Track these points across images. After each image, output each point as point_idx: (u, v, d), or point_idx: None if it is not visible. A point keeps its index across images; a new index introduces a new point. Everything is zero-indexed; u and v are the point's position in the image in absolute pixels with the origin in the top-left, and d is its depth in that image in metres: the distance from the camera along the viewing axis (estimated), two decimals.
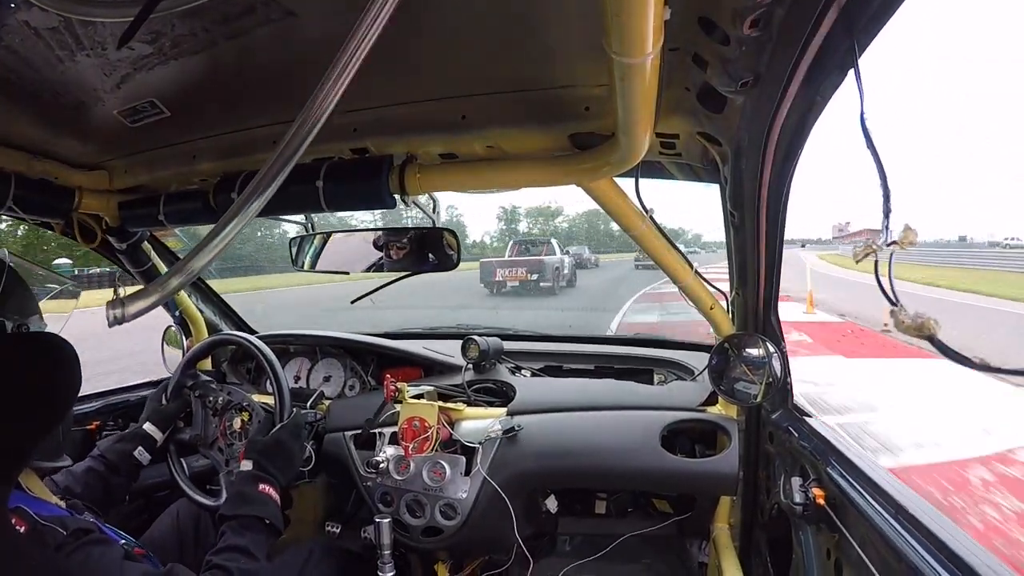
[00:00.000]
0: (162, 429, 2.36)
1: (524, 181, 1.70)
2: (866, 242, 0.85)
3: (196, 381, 2.63)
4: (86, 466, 2.04)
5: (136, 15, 0.94)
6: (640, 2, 0.81)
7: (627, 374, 2.81)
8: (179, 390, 2.58)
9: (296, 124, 0.88)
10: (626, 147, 1.39)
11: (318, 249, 2.35)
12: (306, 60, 1.37)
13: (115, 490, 2.05)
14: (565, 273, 25.64)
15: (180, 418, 2.54)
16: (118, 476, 2.08)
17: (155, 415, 2.39)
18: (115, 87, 1.51)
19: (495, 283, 23.56)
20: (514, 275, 23.35)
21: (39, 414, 1.43)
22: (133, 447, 2.18)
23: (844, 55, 0.93)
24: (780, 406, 2.05)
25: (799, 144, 1.28)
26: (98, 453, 2.11)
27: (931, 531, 1.16)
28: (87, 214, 2.26)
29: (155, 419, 2.36)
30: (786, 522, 1.84)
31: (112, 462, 2.09)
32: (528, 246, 27.57)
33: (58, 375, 1.46)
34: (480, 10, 1.20)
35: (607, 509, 2.69)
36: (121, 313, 1.02)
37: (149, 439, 2.28)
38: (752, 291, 1.96)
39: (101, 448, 2.13)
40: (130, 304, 1.02)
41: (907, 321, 0.77)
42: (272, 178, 0.92)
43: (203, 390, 2.59)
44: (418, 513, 2.30)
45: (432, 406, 2.31)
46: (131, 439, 2.22)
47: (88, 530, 1.38)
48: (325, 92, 0.84)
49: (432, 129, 1.68)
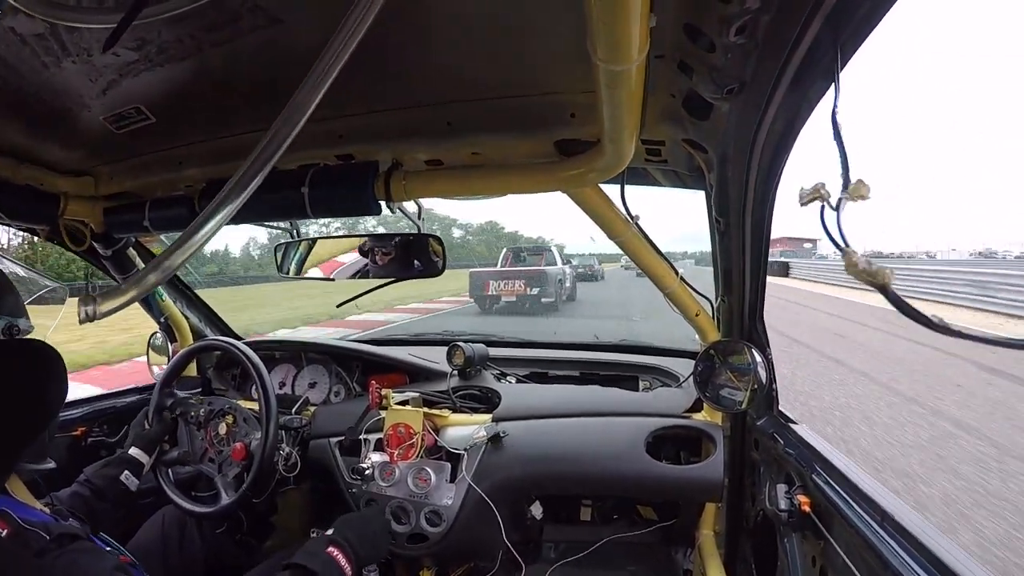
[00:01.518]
0: (148, 453, 2.33)
1: (509, 188, 1.70)
2: (814, 185, 0.84)
3: (175, 400, 2.62)
4: (71, 491, 2.01)
5: (119, 21, 0.94)
6: (626, 9, 0.81)
7: (612, 381, 2.82)
8: (159, 412, 2.56)
9: (274, 128, 0.87)
10: (612, 154, 1.39)
11: (303, 255, 2.35)
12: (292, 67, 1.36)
13: (101, 516, 2.00)
14: (567, 286, 22.11)
15: (165, 440, 2.51)
16: (104, 502, 2.04)
17: (139, 440, 2.36)
18: (101, 93, 1.50)
19: (487, 298, 20.25)
20: (510, 288, 19.77)
21: (27, 420, 1.42)
22: (119, 471, 2.14)
23: (830, 62, 0.93)
24: (765, 413, 2.05)
25: (785, 151, 1.28)
26: (84, 478, 2.07)
27: (917, 538, 1.16)
28: (73, 220, 2.25)
29: (140, 444, 2.33)
30: (771, 529, 1.84)
31: (98, 487, 2.05)
32: (524, 254, 23.59)
33: (46, 382, 1.45)
34: (465, 16, 1.20)
35: (592, 516, 2.70)
36: (93, 310, 0.99)
37: (136, 464, 2.24)
38: (737, 298, 1.97)
39: (87, 473, 2.10)
40: (103, 301, 1.00)
41: (860, 264, 0.73)
42: (249, 180, 0.92)
43: (183, 408, 2.58)
44: (403, 520, 2.29)
45: (417, 412, 2.31)
46: (117, 464, 2.19)
47: (74, 536, 1.37)
48: (304, 96, 0.84)
49: (417, 136, 1.68)
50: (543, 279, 19.61)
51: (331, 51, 0.80)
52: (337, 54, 0.80)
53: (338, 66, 0.81)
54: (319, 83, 0.83)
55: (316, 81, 0.83)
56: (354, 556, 1.85)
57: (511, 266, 21.99)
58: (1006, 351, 0.73)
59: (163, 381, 2.61)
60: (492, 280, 20.21)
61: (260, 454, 2.30)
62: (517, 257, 23.22)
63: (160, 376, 2.64)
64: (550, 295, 19.51)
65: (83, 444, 2.73)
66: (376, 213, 1.75)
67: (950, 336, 0.69)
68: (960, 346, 10.70)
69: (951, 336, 0.69)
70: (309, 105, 0.85)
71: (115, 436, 2.83)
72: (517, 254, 23.59)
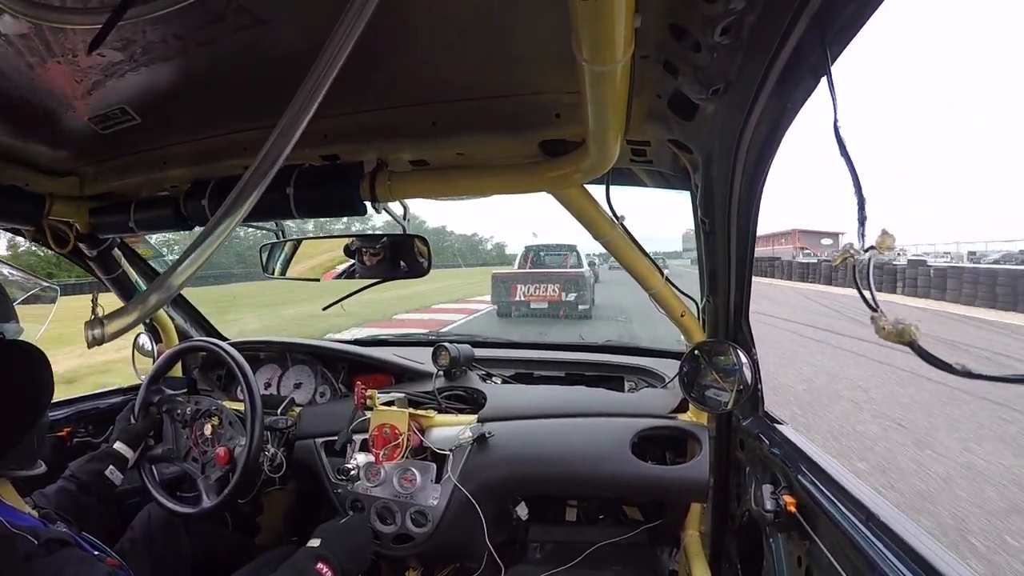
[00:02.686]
0: (133, 448, 2.34)
1: (494, 188, 1.70)
2: (843, 248, 0.85)
3: (162, 396, 2.62)
4: (57, 486, 2.01)
5: (105, 22, 0.93)
6: (611, 9, 0.81)
7: (598, 381, 2.83)
8: (146, 408, 2.55)
9: (276, 132, 0.87)
10: (596, 154, 1.39)
11: (288, 256, 2.34)
12: (276, 67, 1.36)
13: (87, 511, 2.00)
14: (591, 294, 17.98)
15: (150, 436, 2.51)
16: (89, 496, 2.04)
17: (124, 435, 2.36)
18: (86, 94, 1.50)
19: (515, 304, 17.30)
20: (541, 294, 17.03)
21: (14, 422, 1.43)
22: (104, 466, 2.14)
23: (816, 62, 0.93)
24: (751, 413, 2.05)
25: (770, 151, 1.28)
26: (69, 473, 2.08)
27: (902, 538, 1.17)
28: (58, 221, 2.24)
29: (125, 438, 2.33)
30: (757, 529, 1.84)
31: (83, 481, 2.05)
32: (545, 255, 20.01)
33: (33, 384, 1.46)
34: (450, 17, 1.20)
35: (578, 516, 2.70)
36: (100, 333, 1.00)
37: (120, 458, 2.24)
38: (723, 298, 1.97)
39: (72, 468, 2.10)
40: (109, 323, 1.01)
41: (888, 328, 0.76)
42: (252, 189, 0.92)
43: (170, 404, 2.58)
44: (389, 520, 2.30)
45: (403, 413, 2.31)
46: (102, 458, 2.19)
47: (63, 542, 1.36)
48: (305, 98, 0.84)
49: (402, 136, 1.68)
50: (581, 283, 17.08)
51: (330, 48, 0.81)
52: (337, 50, 0.81)
53: (339, 63, 0.82)
54: (320, 83, 0.83)
55: (317, 81, 0.83)
56: (341, 571, 1.85)
57: (532, 267, 19.25)
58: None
59: (150, 378, 2.60)
60: (520, 284, 17.53)
61: (244, 460, 2.29)
62: (537, 257, 19.99)
63: (149, 373, 2.63)
64: (586, 301, 17.01)
65: (68, 444, 2.72)
66: (362, 213, 1.75)
67: (973, 380, 0.71)
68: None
69: (974, 379, 0.71)
70: (311, 105, 0.85)
71: (100, 436, 2.82)
72: (539, 253, 20.20)
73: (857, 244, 0.84)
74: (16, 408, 1.43)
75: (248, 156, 1.82)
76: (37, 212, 2.09)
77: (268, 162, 0.89)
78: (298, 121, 0.86)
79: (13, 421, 1.43)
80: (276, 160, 0.89)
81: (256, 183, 0.91)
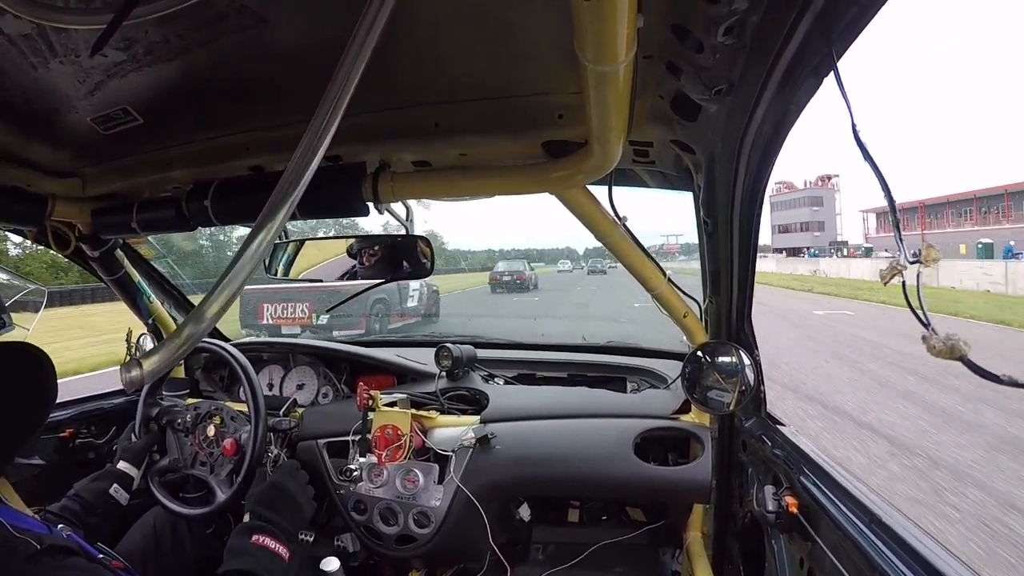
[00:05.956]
0: (137, 465, 2.32)
1: (497, 189, 1.70)
2: (890, 264, 0.84)
3: (160, 409, 2.61)
4: (61, 505, 2.00)
5: (109, 22, 0.93)
6: (613, 10, 0.81)
7: (600, 382, 2.82)
8: (146, 424, 2.55)
9: (307, 137, 0.89)
10: (599, 155, 1.39)
11: (291, 257, 2.34)
12: (278, 67, 1.36)
13: (92, 530, 1.97)
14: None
15: (154, 451, 2.50)
16: (94, 515, 2.02)
17: (127, 454, 2.34)
18: (88, 94, 1.49)
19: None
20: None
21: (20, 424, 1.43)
22: (108, 485, 2.13)
23: (820, 62, 0.93)
24: (753, 414, 2.05)
25: (773, 152, 1.28)
26: (73, 492, 2.06)
27: (904, 540, 1.16)
28: (60, 222, 2.24)
29: (127, 457, 2.32)
30: (759, 530, 1.83)
31: (88, 501, 2.04)
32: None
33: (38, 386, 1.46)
34: (454, 17, 1.20)
35: (580, 517, 2.69)
36: (140, 375, 0.96)
37: (125, 477, 2.23)
38: (725, 299, 1.96)
39: (77, 488, 2.09)
40: (146, 362, 0.97)
41: (938, 345, 0.75)
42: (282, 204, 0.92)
43: (169, 416, 2.57)
44: (391, 521, 2.29)
45: (405, 414, 2.30)
46: (106, 477, 2.18)
47: (68, 549, 1.34)
48: (336, 96, 0.86)
49: (405, 136, 1.68)
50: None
51: (355, 44, 0.82)
52: (363, 46, 0.82)
53: (365, 58, 0.83)
54: (349, 78, 0.85)
55: (345, 76, 0.84)
56: (283, 533, 1.83)
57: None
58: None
59: (146, 392, 2.60)
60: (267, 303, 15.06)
61: (252, 446, 2.29)
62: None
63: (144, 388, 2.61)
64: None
65: (71, 445, 2.71)
66: (364, 214, 1.75)
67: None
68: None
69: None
70: (343, 101, 0.86)
71: (103, 438, 2.82)
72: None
73: (900, 257, 0.83)
74: (22, 410, 1.43)
75: (251, 157, 1.82)
76: (39, 213, 2.08)
77: (294, 176, 0.89)
78: (334, 114, 0.86)
79: (20, 423, 1.43)
80: (297, 182, 0.89)
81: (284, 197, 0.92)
